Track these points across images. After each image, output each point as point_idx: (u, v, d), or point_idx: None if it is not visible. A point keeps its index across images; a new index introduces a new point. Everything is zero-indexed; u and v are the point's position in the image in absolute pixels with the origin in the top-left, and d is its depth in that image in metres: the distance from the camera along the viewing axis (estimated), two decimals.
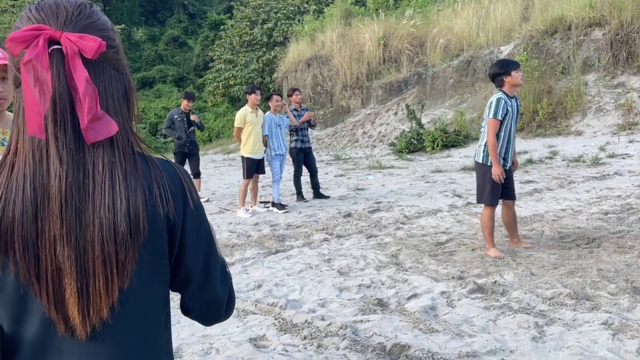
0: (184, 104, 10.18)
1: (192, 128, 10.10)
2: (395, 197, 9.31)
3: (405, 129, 16.98)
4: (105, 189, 1.00)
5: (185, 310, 1.21)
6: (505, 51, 17.57)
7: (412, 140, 15.82)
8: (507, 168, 5.53)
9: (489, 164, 5.40)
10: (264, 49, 29.92)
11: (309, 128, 9.74)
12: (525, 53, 15.80)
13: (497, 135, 5.36)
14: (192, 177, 9.79)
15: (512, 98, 5.42)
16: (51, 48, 0.99)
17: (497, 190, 5.42)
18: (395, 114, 19.50)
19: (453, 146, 15.22)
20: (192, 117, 10.06)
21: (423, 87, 19.55)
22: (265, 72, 29.25)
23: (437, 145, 15.14)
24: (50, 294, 1.00)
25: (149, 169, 1.08)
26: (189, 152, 10.10)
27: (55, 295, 1.00)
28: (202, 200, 9.20)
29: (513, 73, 5.32)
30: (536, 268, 5.02)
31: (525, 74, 14.80)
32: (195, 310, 1.20)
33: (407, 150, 15.62)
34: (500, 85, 5.41)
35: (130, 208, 1.02)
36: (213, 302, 1.20)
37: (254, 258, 5.87)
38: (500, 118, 5.29)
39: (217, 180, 12.92)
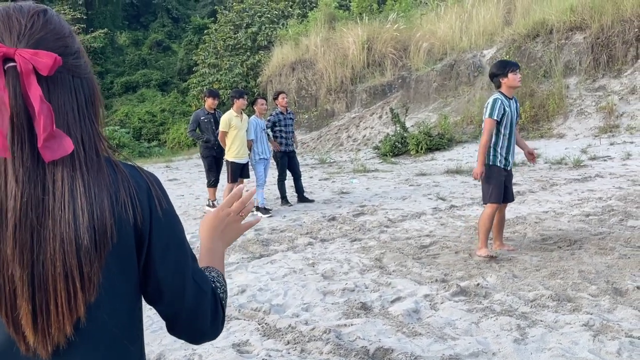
0: (209, 102, 9.32)
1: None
2: (380, 200, 9.33)
3: (390, 133, 17.04)
4: (65, 203, 0.99)
5: (168, 328, 1.18)
6: (487, 54, 17.72)
7: (397, 143, 15.88)
8: (509, 169, 5.55)
9: (491, 163, 5.43)
10: (248, 53, 29.86)
11: (292, 133, 9.73)
12: (507, 56, 15.93)
13: (497, 136, 5.39)
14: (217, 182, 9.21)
15: (511, 99, 5.44)
16: (6, 66, 0.96)
17: (499, 188, 5.44)
18: (380, 117, 19.56)
19: (437, 149, 15.29)
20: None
21: (407, 91, 19.64)
22: (250, 76, 29.19)
23: (421, 149, 15.21)
24: (8, 314, 0.98)
25: (115, 175, 1.07)
26: (217, 156, 9.23)
27: (12, 316, 0.98)
28: (208, 207, 9.13)
29: (510, 75, 5.35)
30: (518, 270, 5.05)
31: None
32: (175, 327, 1.17)
33: (391, 154, 15.67)
34: (498, 86, 5.46)
35: (95, 218, 1.00)
36: (189, 316, 1.15)
37: (237, 263, 5.85)
38: (496, 118, 5.32)
39: (201, 184, 12.84)
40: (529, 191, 9.16)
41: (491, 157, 5.45)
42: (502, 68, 5.39)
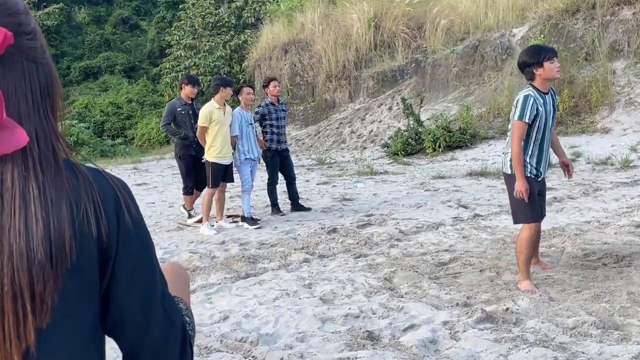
0: (187, 90, 9.17)
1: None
2: (390, 208, 9.34)
3: (401, 127, 17.06)
4: (15, 209, 0.98)
5: None
6: (518, 34, 17.76)
7: (410, 140, 15.89)
8: (541, 179, 5.32)
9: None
10: (231, 33, 29.92)
11: (285, 128, 9.72)
12: (542, 36, 15.97)
13: (525, 142, 5.12)
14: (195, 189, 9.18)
15: (546, 94, 5.16)
16: None
17: (534, 204, 5.19)
18: (390, 109, 19.60)
19: (458, 147, 15.32)
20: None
21: (422, 77, 19.68)
22: (234, 60, 29.25)
23: (439, 147, 15.24)
24: None
25: (76, 179, 1.06)
26: (197, 156, 8.94)
27: None
28: (193, 220, 9.03)
29: (546, 64, 5.05)
30: (555, 292, 5.06)
31: None
32: None
33: (403, 153, 15.69)
34: (530, 78, 5.17)
35: (51, 228, 0.99)
36: (154, 352, 1.15)
37: (219, 284, 5.85)
38: (528, 121, 5.03)
39: (175, 189, 12.84)
40: (567, 197, 9.18)
41: (511, 165, 5.31)
42: (535, 55, 5.10)
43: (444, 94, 18.77)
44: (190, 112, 9.09)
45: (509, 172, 5.24)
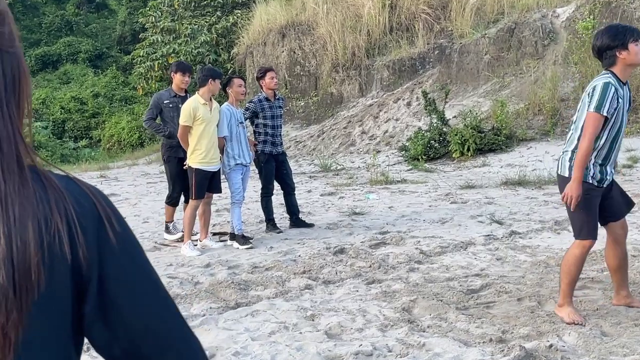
0: (177, 80, 9.10)
1: None
2: (408, 224, 9.34)
3: (422, 127, 17.05)
4: None
5: None
6: (563, 15, 17.79)
7: (432, 142, 15.88)
8: (610, 182, 5.28)
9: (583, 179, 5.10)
10: (218, 14, 29.98)
11: (281, 127, 9.71)
12: (591, 17, 15.99)
13: (597, 138, 5.07)
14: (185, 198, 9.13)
15: (625, 84, 5.11)
16: None
17: (594, 217, 5.15)
18: (408, 104, 19.61)
19: (490, 151, 15.31)
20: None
21: (447, 67, 19.69)
22: (221, 46, 29.27)
23: (468, 150, 15.23)
24: None
25: (45, 191, 1.06)
26: (186, 157, 8.71)
27: None
28: (173, 237, 8.99)
29: (631, 46, 5.00)
30: (609, 325, 5.05)
31: None
32: None
33: (424, 157, 15.68)
34: (610, 63, 5.10)
35: (14, 251, 1.00)
36: None
37: (203, 315, 5.84)
38: (606, 114, 4.97)
39: (150, 202, 12.87)
40: None
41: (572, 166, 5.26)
42: (619, 36, 5.02)
43: (473, 86, 18.77)
44: (180, 105, 8.86)
45: (567, 174, 5.16)
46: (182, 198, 9.18)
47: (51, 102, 34.69)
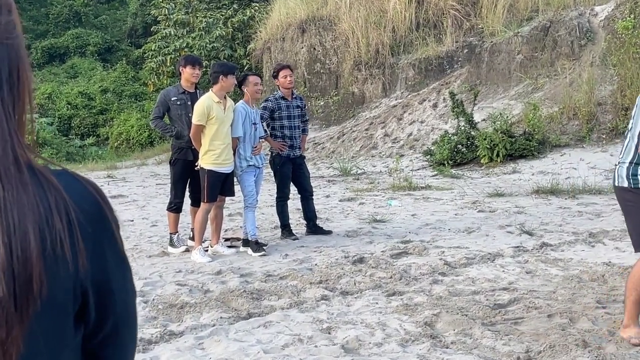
0: (187, 74, 8.92)
1: None
2: (432, 233, 9.32)
3: (449, 130, 17.02)
4: None
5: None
6: (601, 13, 17.70)
7: (459, 146, 15.86)
8: None
9: (632, 186, 5.03)
10: (234, 7, 30.08)
11: (300, 129, 9.67)
12: (632, 16, 15.89)
13: None
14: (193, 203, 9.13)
15: None
16: None
17: None
18: (434, 106, 19.58)
19: (521, 157, 15.26)
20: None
21: (476, 67, 19.66)
22: (237, 41, 29.36)
23: (497, 156, 15.19)
24: None
25: (44, 192, 1.06)
26: (194, 161, 8.73)
27: None
28: (178, 250, 8.88)
29: None
30: None
31: (634, 47, 14.89)
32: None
33: (451, 163, 15.66)
34: None
35: (14, 259, 0.99)
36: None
37: (214, 325, 5.85)
38: None
39: (159, 204, 12.90)
40: None
41: (631, 177, 5.18)
42: None
43: (504, 88, 18.72)
44: (189, 102, 8.82)
45: (627, 185, 5.06)
46: (189, 201, 9.12)
47: (57, 97, 34.85)
